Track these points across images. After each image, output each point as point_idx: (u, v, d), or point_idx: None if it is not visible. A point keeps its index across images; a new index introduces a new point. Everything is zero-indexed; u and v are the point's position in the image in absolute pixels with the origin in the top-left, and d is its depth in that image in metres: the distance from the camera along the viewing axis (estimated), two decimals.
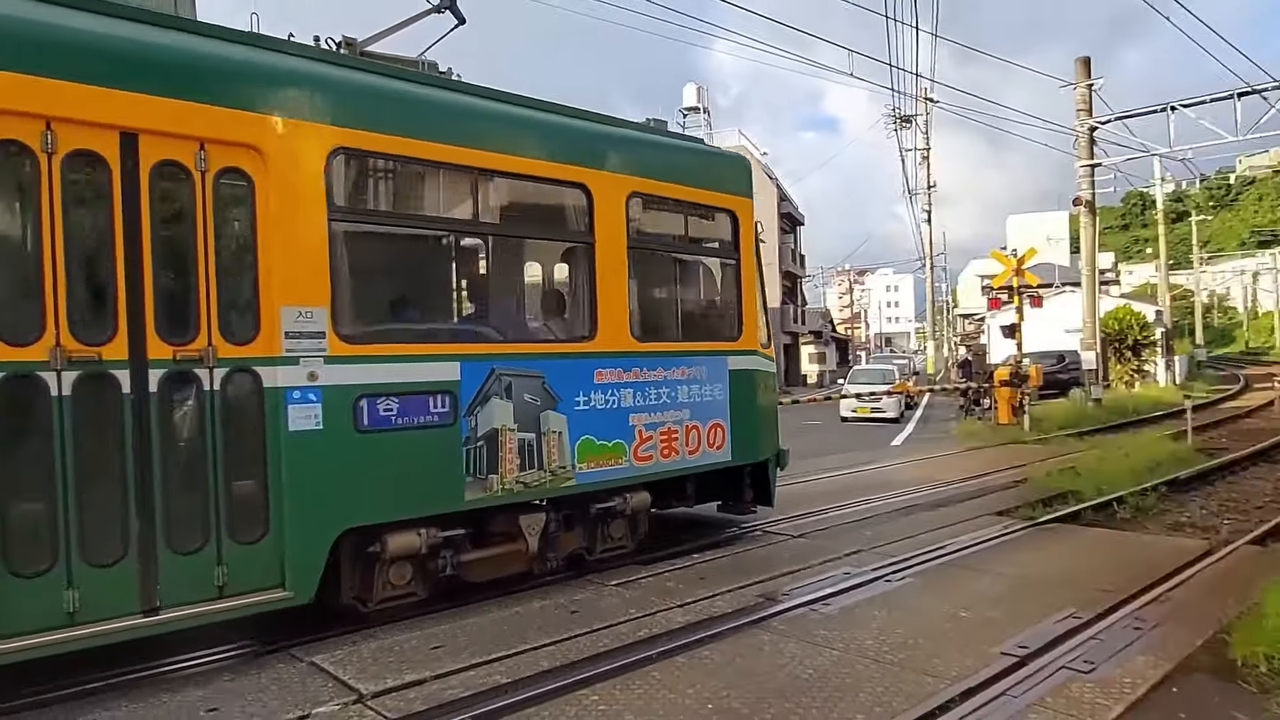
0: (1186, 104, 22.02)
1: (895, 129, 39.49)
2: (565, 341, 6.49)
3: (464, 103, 6.01)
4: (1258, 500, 10.09)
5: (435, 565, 5.62)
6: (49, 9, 4.34)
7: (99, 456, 4.25)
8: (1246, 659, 4.48)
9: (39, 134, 4.13)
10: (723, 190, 7.49)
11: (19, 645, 3.93)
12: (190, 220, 4.61)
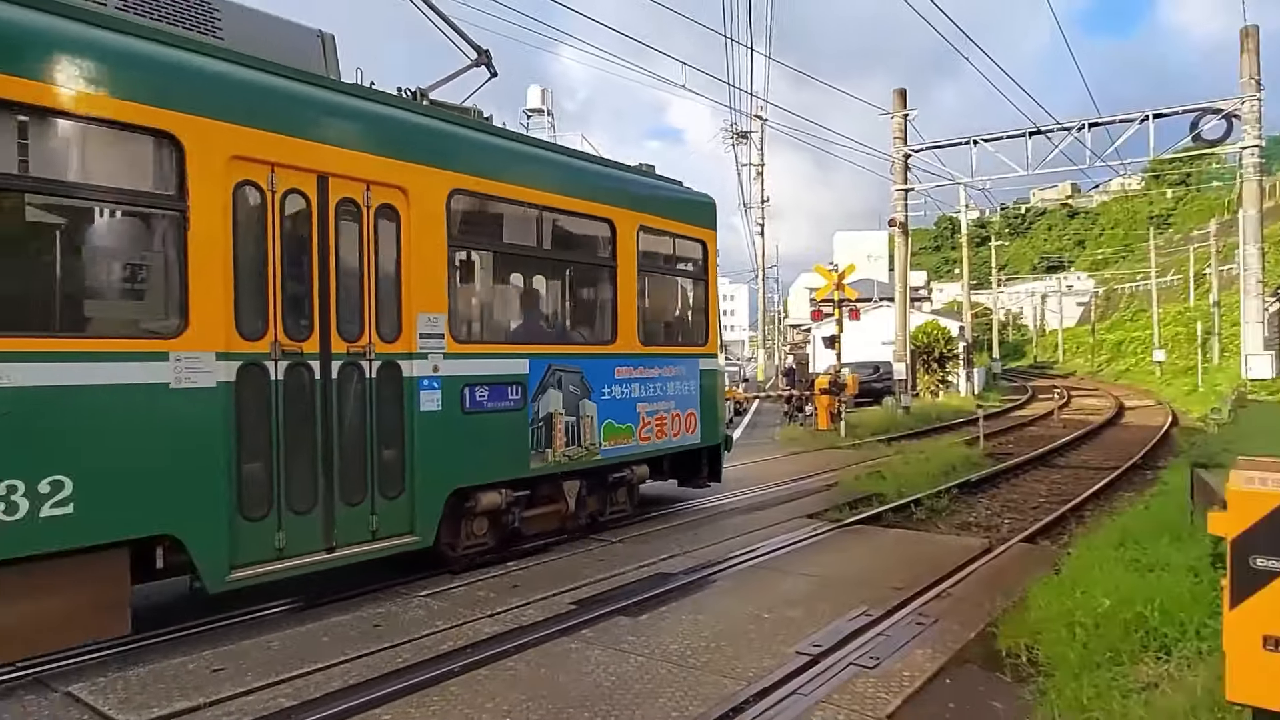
0: (987, 139, 24.11)
1: (733, 144, 40.85)
2: (595, 344, 8.03)
3: (529, 152, 7.63)
4: (1034, 501, 11.07)
5: (505, 520, 6.96)
6: (269, 76, 5.52)
7: (299, 427, 5.42)
8: (1010, 649, 4.88)
9: (267, 175, 5.33)
10: (698, 224, 9.34)
11: (246, 575, 5.08)
12: (358, 245, 5.87)
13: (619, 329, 8.12)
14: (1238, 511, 2.84)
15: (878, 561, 7.12)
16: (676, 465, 9.35)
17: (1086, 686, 3.92)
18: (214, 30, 5.83)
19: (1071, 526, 9.09)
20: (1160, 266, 62.87)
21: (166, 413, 4.80)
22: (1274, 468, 2.87)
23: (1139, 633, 4.55)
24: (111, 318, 4.98)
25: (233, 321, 5.14)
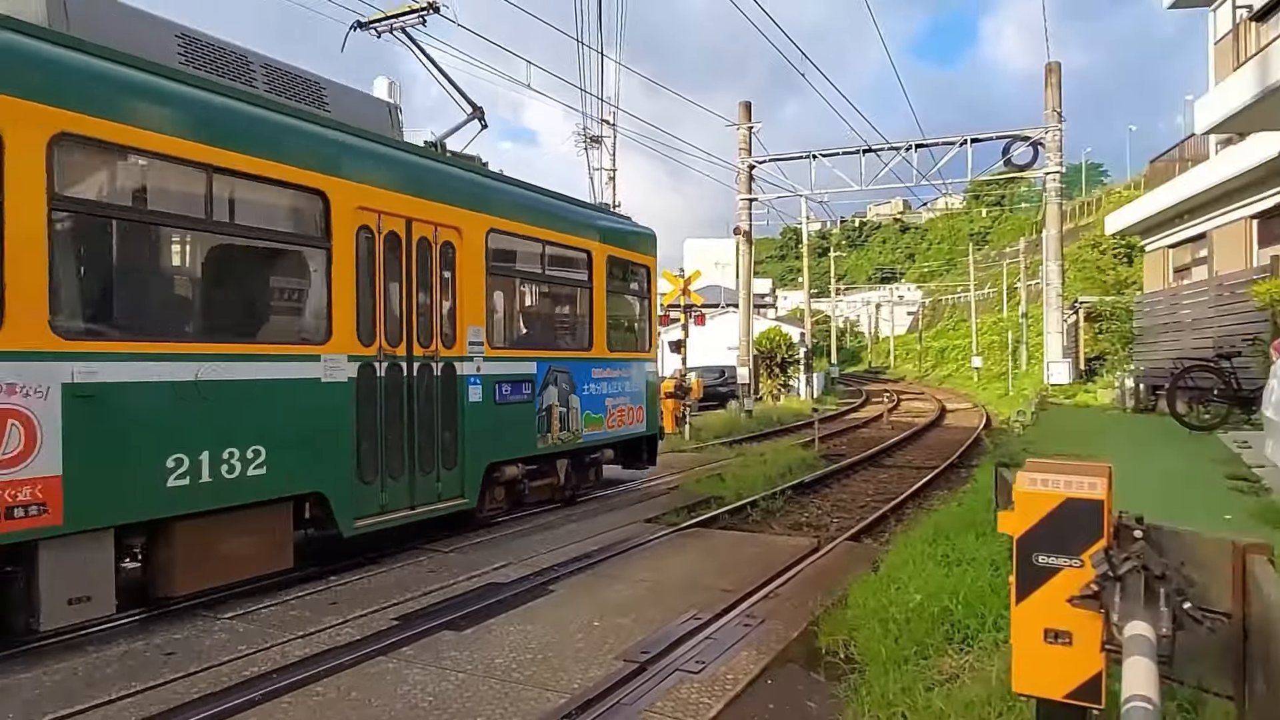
0: (825, 154, 25.27)
1: (585, 147, 40.89)
2: (578, 350, 9.90)
3: (536, 197, 9.45)
4: (862, 500, 11.59)
5: (518, 488, 8.80)
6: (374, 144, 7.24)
7: (393, 414, 6.98)
8: (829, 647, 5.01)
9: (375, 221, 6.94)
10: (644, 253, 11.47)
11: (363, 524, 6.66)
12: (429, 273, 7.52)
13: (594, 338, 10.10)
14: (1022, 511, 2.97)
15: (711, 564, 7.20)
16: (625, 450, 11.19)
17: (894, 681, 4.05)
18: (324, 106, 7.37)
19: (891, 525, 9.57)
20: (978, 280, 68.12)
21: (318, 400, 6.40)
22: (1055, 469, 3.03)
23: (945, 626, 4.77)
24: (285, 329, 6.73)
25: (355, 332, 6.73)
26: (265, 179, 6.15)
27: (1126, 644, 2.21)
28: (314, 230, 6.57)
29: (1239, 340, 12.49)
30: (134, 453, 5.21)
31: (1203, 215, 18.18)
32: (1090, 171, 77.69)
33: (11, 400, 4.57)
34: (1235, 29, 15.74)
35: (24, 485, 4.61)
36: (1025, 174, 24.66)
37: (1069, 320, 26.00)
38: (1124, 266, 32.07)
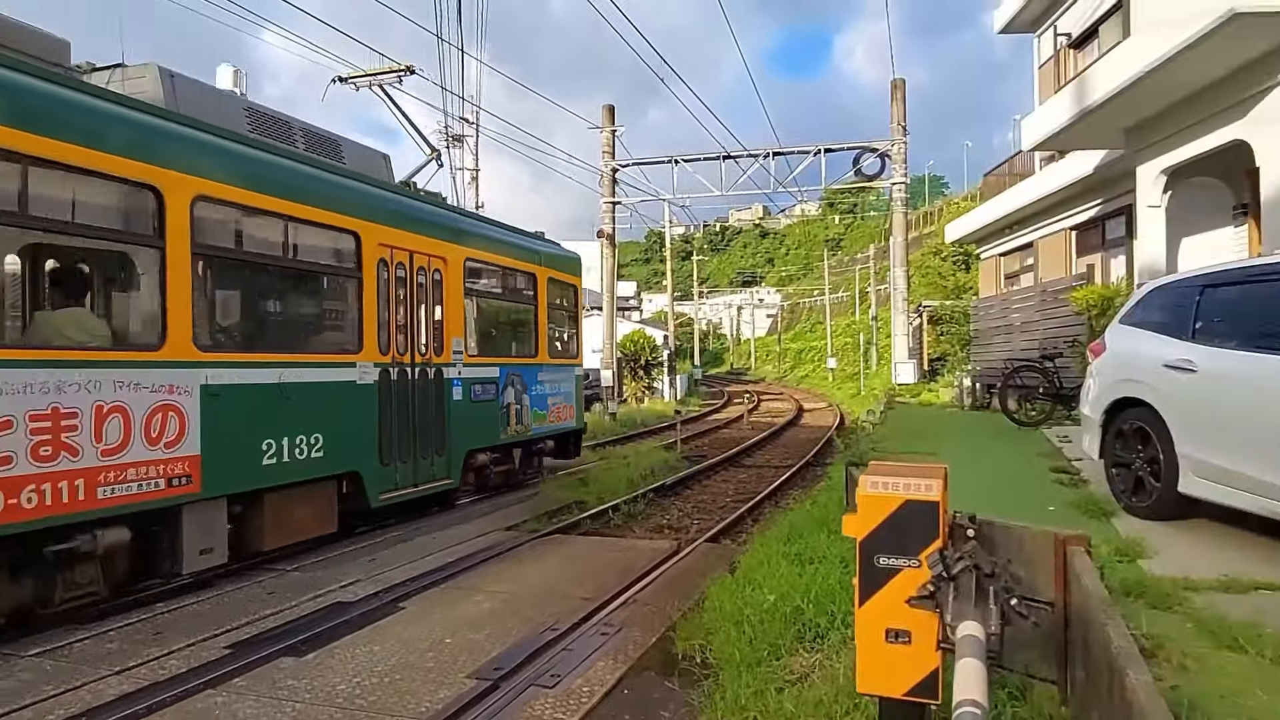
0: (687, 159, 25.67)
1: (447, 146, 39.89)
2: (527, 357, 11.63)
3: (497, 232, 11.34)
4: (722, 501, 11.76)
5: (485, 473, 10.49)
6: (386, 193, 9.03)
7: (402, 409, 8.63)
8: (686, 652, 5.00)
9: (389, 254, 8.60)
10: (572, 274, 13.25)
11: (385, 498, 8.33)
12: (426, 295, 9.21)
13: (539, 347, 11.94)
14: (864, 514, 3.02)
15: (571, 571, 7.09)
16: (560, 442, 12.90)
17: (746, 685, 4.06)
18: (341, 159, 8.85)
19: (749, 525, 9.75)
20: (833, 284, 71.20)
21: (355, 397, 8.00)
22: (895, 472, 3.10)
23: (797, 625, 4.85)
24: (333, 342, 8.17)
25: (377, 343, 8.35)
26: (320, 224, 7.85)
27: (959, 645, 2.26)
28: (351, 264, 8.24)
29: (1061, 342, 13.53)
30: (243, 438, 6.76)
31: (1029, 226, 19.63)
32: (933, 183, 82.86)
33: (171, 398, 6.12)
34: (1056, 55, 17.09)
35: (178, 461, 6.15)
36: (874, 184, 25.88)
37: (914, 323, 27.52)
38: (962, 273, 34.21)
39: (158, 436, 5.99)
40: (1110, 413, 6.40)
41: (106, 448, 5.62)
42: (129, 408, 5.79)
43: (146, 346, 6.15)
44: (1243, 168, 10.23)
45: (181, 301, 6.23)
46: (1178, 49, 8.87)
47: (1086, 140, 13.38)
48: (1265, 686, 2.94)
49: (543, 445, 12.17)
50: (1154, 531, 5.54)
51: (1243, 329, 5.32)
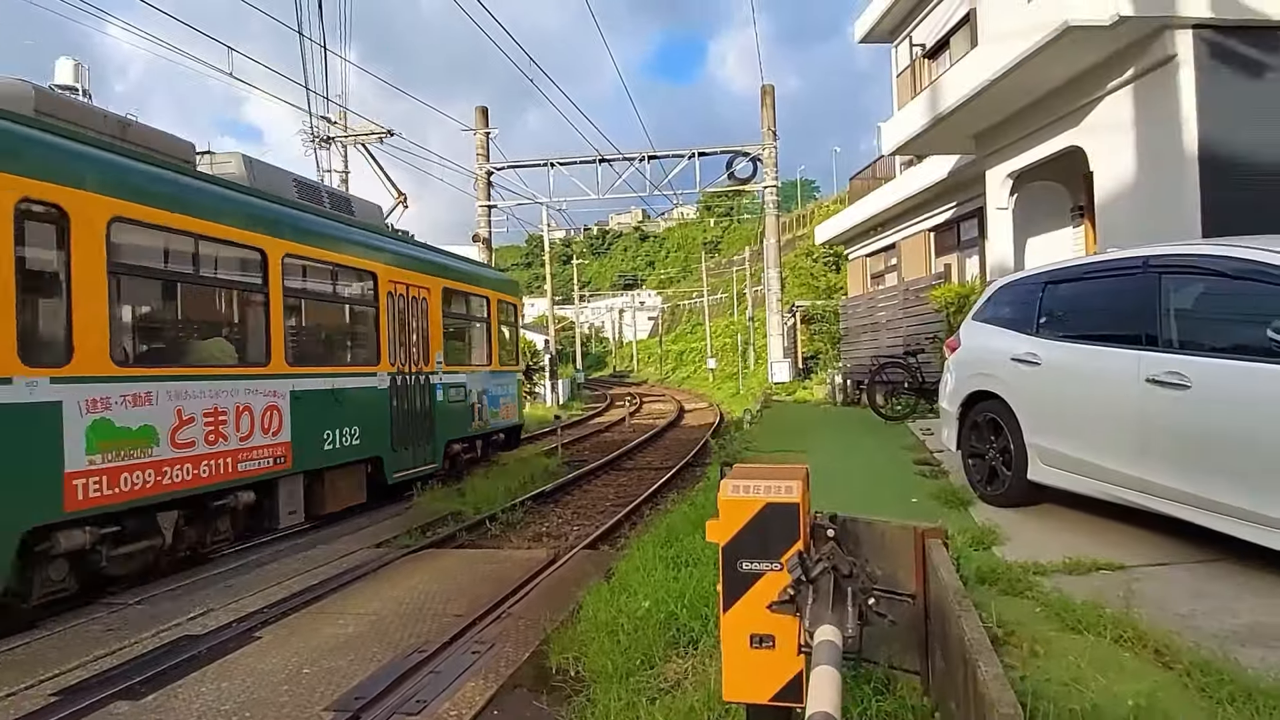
0: (563, 162, 25.52)
1: (314, 148, 38.26)
2: (483, 365, 13.97)
3: (464, 264, 14.25)
4: (602, 505, 11.66)
5: (458, 459, 12.83)
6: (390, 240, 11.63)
7: (404, 407, 10.91)
8: (560, 665, 4.86)
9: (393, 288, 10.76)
10: (513, 295, 15.77)
11: (397, 476, 10.63)
12: (417, 318, 11.46)
13: (492, 356, 14.33)
14: (726, 519, 2.97)
15: (443, 588, 6.82)
16: (508, 435, 15.32)
17: (617, 696, 3.97)
18: (352, 211, 11.27)
19: (628, 529, 9.69)
20: (711, 286, 72.54)
21: (377, 400, 10.25)
22: (756, 475, 3.06)
23: (671, 631, 4.79)
24: (363, 357, 10.39)
25: (389, 357, 10.58)
26: (354, 268, 10.24)
27: (815, 651, 2.22)
28: (371, 296, 10.49)
29: (923, 339, 14.15)
30: (314, 430, 8.97)
31: (892, 228, 20.50)
32: (804, 187, 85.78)
33: (274, 400, 8.31)
34: (912, 64, 17.91)
35: (279, 446, 8.36)
36: (747, 187, 26.45)
37: (788, 323, 28.28)
38: (833, 273, 35.49)
39: (268, 428, 8.26)
40: (966, 405, 6.67)
41: (242, 435, 7.89)
42: (253, 407, 8.06)
43: (259, 363, 8.36)
44: (1079, 172, 10.95)
45: (279, 330, 8.55)
46: (1018, 59, 9.40)
47: (940, 145, 14.05)
48: (1106, 669, 3.06)
49: (496, 437, 14.71)
50: (1007, 519, 5.80)
51: (1079, 322, 5.63)
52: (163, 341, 7.83)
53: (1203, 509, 4.37)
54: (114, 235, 6.59)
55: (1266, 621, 3.61)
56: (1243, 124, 8.37)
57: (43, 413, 5.92)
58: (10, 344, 5.68)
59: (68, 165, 6.28)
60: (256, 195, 8.67)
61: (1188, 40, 8.44)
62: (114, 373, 6.52)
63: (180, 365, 7.49)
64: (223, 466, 7.57)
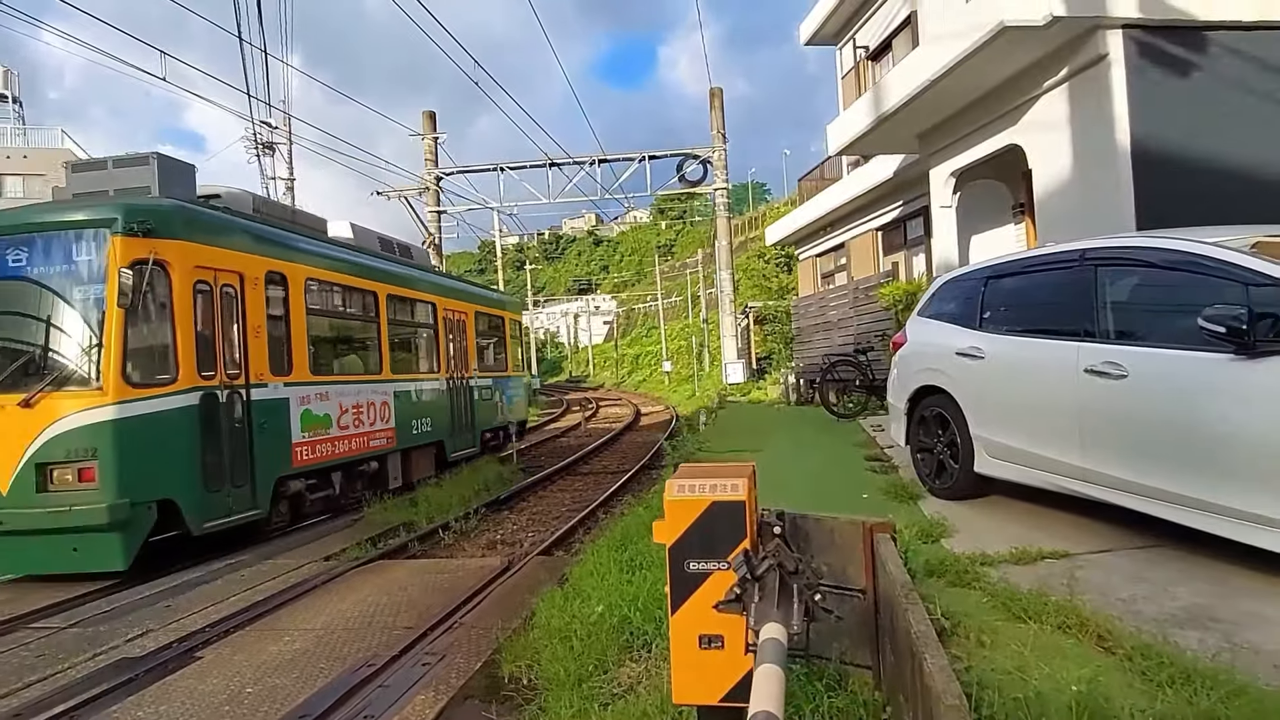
0: (513, 167, 25.37)
1: (258, 155, 37.50)
2: (501, 371, 17.38)
3: (489, 291, 19.19)
4: (558, 511, 11.53)
5: (489, 445, 16.40)
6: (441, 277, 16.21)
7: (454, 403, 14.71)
8: (512, 674, 4.78)
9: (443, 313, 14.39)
10: (518, 312, 20.00)
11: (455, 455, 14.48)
12: (460, 334, 15.18)
13: (508, 364, 17.79)
14: (673, 519, 2.94)
15: (393, 600, 6.69)
16: (519, 427, 18.69)
17: (569, 703, 3.91)
18: (411, 257, 14.39)
19: (583, 534, 9.61)
20: (666, 289, 72.72)
21: (439, 398, 13.70)
22: (702, 474, 3.04)
23: (624, 635, 4.74)
24: (429, 365, 13.78)
25: (445, 366, 14.07)
26: (424, 301, 13.61)
27: (759, 649, 2.20)
28: (433, 321, 13.94)
29: (872, 336, 14.33)
30: (405, 420, 12.24)
31: (841, 228, 20.75)
32: (755, 189, 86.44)
33: (385, 397, 11.62)
34: (857, 65, 18.15)
35: (389, 430, 11.82)
36: (698, 190, 26.56)
37: (741, 324, 28.45)
38: (785, 274, 35.80)
39: (384, 418, 11.69)
40: (913, 401, 6.74)
41: (370, 422, 11.29)
42: (375, 403, 11.45)
43: (376, 372, 11.90)
44: (1019, 170, 11.19)
45: (385, 347, 12.11)
46: (957, 59, 9.57)
47: (884, 145, 14.25)
48: (1049, 656, 3.10)
49: (511, 429, 17.99)
50: (955, 511, 5.86)
51: (1020, 316, 5.73)
52: (329, 358, 11.24)
53: (1141, 496, 4.46)
54: (307, 290, 10.27)
55: (1203, 604, 3.69)
56: (1172, 120, 8.61)
57: (281, 404, 9.51)
58: (264, 362, 9.24)
59: (285, 247, 9.94)
60: (366, 254, 12.36)
61: (1118, 40, 8.67)
62: (310, 379, 10.15)
63: (339, 374, 11.21)
64: (362, 443, 11.25)
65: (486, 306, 16.94)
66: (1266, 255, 4.06)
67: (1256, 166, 8.47)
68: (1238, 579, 3.98)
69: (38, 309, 7.68)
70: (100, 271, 7.57)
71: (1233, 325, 3.81)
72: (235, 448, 8.63)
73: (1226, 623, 3.45)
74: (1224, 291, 4.03)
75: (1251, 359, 3.81)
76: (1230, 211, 7.89)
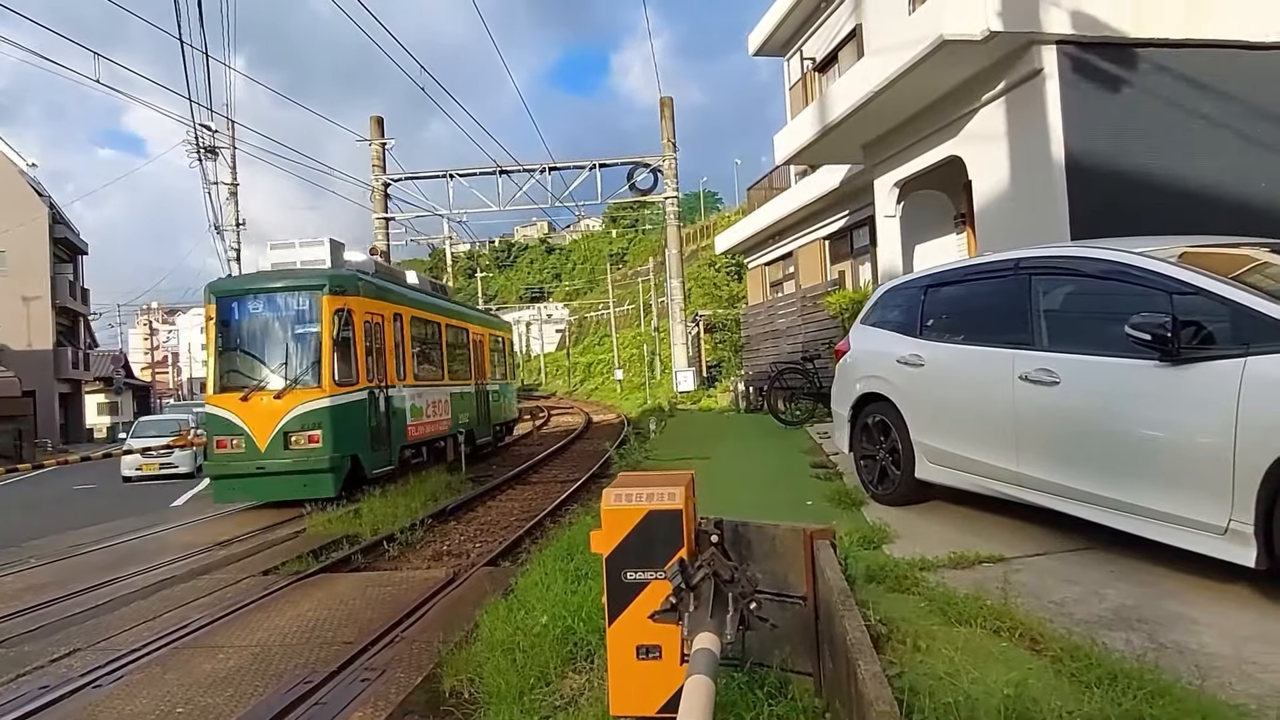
0: (463, 174, 25.17)
1: (199, 159, 36.61)
2: (504, 380, 23.16)
3: (495, 319, 25.22)
4: (506, 521, 11.40)
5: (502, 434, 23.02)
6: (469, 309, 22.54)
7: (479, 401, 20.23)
8: (454, 688, 4.70)
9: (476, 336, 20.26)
10: (509, 331, 25.10)
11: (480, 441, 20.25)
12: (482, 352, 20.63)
13: (508, 374, 22.89)
14: (610, 528, 2.92)
15: (334, 614, 6.54)
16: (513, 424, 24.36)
17: (510, 716, 3.85)
18: (447, 296, 20.64)
19: (530, 544, 9.51)
20: (618, 297, 72.73)
21: (471, 398, 19.16)
22: (639, 483, 3.02)
23: (568, 646, 4.69)
24: (464, 374, 18.74)
25: (474, 375, 19.43)
26: (463, 328, 18.71)
27: (691, 659, 2.19)
28: (469, 342, 19.01)
29: (819, 344, 14.48)
30: (458, 412, 17.51)
31: (789, 237, 20.97)
32: (707, 198, 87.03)
33: (445, 398, 16.90)
34: (804, 77, 18.39)
35: (448, 420, 16.92)
36: (648, 198, 26.62)
37: (692, 332, 28.56)
38: (735, 282, 36.07)
39: (444, 412, 16.49)
40: (857, 408, 6.81)
41: (440, 414, 16.15)
42: (441, 400, 16.33)
43: (440, 379, 16.53)
44: (960, 181, 11.41)
45: (445, 362, 17.06)
46: (900, 71, 9.74)
47: (830, 156, 14.45)
48: (983, 659, 3.14)
49: (513, 421, 24.12)
50: (897, 517, 5.93)
51: (958, 323, 5.83)
52: (420, 369, 15.60)
53: (1073, 499, 4.56)
54: (411, 324, 14.99)
55: (1130, 605, 3.78)
56: (1104, 133, 8.87)
57: (402, 399, 14.07)
58: (393, 372, 13.77)
59: (399, 295, 14.81)
60: (427, 294, 17.23)
61: (1052, 55, 8.90)
62: (413, 383, 14.82)
63: (424, 380, 15.64)
64: (436, 428, 15.99)
65: (494, 329, 22.49)
66: (1191, 266, 4.19)
67: (1183, 179, 8.76)
68: (1164, 581, 4.09)
69: (281, 339, 12.55)
70: (317, 316, 12.39)
71: (1157, 333, 3.91)
72: (382, 426, 13.38)
73: (1152, 623, 3.54)
74: (1151, 300, 4.14)
75: (1175, 366, 3.91)
76: (1160, 222, 8.18)
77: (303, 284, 12.47)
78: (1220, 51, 8.99)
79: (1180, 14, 8.91)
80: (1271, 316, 3.65)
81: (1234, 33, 8.96)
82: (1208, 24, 8.94)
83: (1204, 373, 3.81)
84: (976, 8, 8.70)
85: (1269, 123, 8.96)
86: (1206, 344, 3.86)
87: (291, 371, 12.25)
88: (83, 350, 45.45)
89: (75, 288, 45.53)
